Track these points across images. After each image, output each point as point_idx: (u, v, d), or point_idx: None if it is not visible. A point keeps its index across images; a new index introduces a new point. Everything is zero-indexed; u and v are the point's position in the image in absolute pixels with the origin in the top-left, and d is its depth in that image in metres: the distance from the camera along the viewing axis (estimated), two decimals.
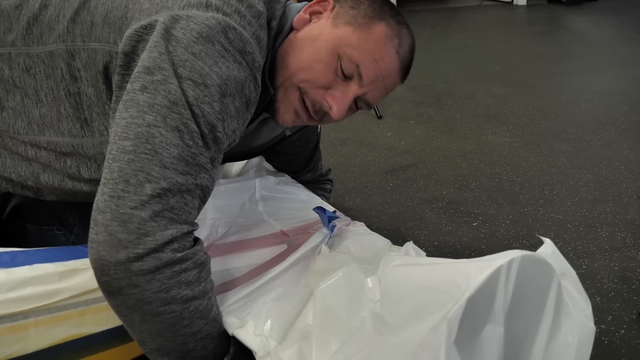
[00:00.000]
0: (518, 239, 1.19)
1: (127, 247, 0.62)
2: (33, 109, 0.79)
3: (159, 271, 0.63)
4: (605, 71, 2.47)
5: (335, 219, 0.92)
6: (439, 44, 3.28)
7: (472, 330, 0.52)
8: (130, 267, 0.62)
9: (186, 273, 0.66)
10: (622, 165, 1.51)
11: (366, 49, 0.81)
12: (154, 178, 0.63)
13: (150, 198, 0.63)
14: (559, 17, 3.90)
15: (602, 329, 0.91)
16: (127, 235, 0.62)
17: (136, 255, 0.62)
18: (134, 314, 0.65)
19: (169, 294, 0.64)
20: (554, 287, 0.58)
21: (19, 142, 0.81)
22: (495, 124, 1.91)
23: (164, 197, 0.64)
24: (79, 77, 0.75)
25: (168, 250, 0.64)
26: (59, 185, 0.82)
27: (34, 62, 0.77)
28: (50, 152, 0.80)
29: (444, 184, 1.49)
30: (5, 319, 0.64)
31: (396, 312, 0.57)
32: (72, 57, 0.75)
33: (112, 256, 0.62)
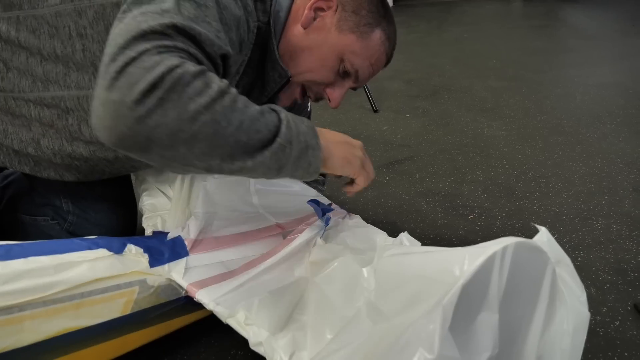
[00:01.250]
0: (514, 231, 1.19)
1: (121, 105, 0.56)
2: (37, 67, 0.82)
3: (164, 101, 0.57)
4: (602, 64, 2.47)
5: (329, 212, 0.92)
6: (435, 38, 3.27)
7: (466, 317, 0.52)
8: (138, 119, 0.56)
9: (189, 87, 0.59)
10: (617, 158, 1.51)
11: (366, 56, 0.92)
12: (149, 27, 0.60)
13: (141, 40, 0.59)
14: (555, 10, 3.90)
15: (597, 320, 0.91)
16: (119, 93, 0.56)
17: (132, 104, 0.56)
18: (179, 150, 0.61)
19: (188, 112, 0.59)
20: (548, 274, 0.58)
21: (23, 101, 0.83)
22: (491, 118, 1.91)
23: (163, 35, 0.61)
24: (85, 34, 0.79)
25: (156, 80, 0.57)
26: (59, 150, 0.85)
27: (39, 24, 0.81)
28: (54, 109, 0.82)
29: (440, 177, 1.49)
30: (1, 311, 0.64)
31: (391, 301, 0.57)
32: (79, 15, 0.79)
33: (119, 122, 0.56)
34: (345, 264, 0.73)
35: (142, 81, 0.56)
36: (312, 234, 0.86)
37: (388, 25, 0.95)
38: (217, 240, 0.88)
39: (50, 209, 0.99)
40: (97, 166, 0.89)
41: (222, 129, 0.62)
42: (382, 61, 0.97)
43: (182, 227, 0.87)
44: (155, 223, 0.92)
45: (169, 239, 0.85)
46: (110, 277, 0.73)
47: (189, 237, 0.85)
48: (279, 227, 0.96)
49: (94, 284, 0.71)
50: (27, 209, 1.02)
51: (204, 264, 0.82)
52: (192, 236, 0.85)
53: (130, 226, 1.07)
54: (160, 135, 0.58)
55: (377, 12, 0.93)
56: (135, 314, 0.76)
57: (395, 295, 0.57)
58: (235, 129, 0.63)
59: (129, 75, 0.56)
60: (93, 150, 0.86)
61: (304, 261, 0.82)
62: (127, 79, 0.56)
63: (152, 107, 0.56)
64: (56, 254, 0.71)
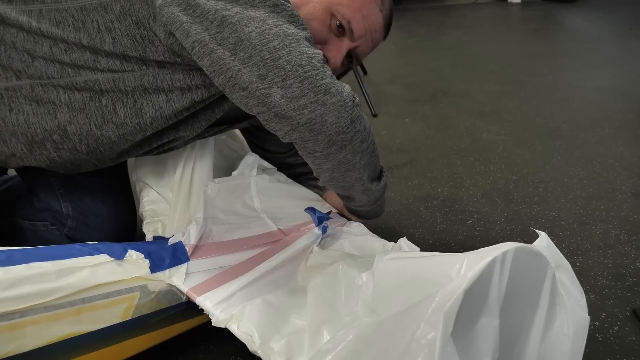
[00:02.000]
0: (512, 236, 1.20)
1: (343, 106, 0.74)
2: (63, 56, 0.84)
3: (360, 114, 0.78)
4: (600, 68, 2.48)
5: (327, 220, 0.92)
6: (434, 42, 3.28)
7: (467, 322, 0.52)
8: (352, 119, 0.75)
9: (359, 109, 0.79)
10: (616, 162, 1.52)
11: (356, 7, 0.93)
12: (313, 54, 0.75)
13: (322, 67, 0.75)
14: (553, 14, 3.91)
15: (596, 325, 0.91)
16: (336, 98, 0.74)
17: (351, 110, 0.75)
18: (358, 155, 0.80)
19: (366, 128, 0.80)
20: (548, 279, 0.59)
21: (52, 87, 0.84)
22: (490, 122, 1.91)
23: (324, 63, 0.76)
24: (113, 28, 0.82)
25: (354, 98, 0.77)
26: (87, 135, 0.87)
27: (62, 17, 0.83)
28: (87, 92, 0.84)
29: (438, 182, 1.49)
30: (2, 317, 0.64)
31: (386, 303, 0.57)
32: (105, 10, 0.82)
33: (340, 117, 0.74)
34: (344, 269, 0.74)
35: (348, 95, 0.75)
36: (308, 241, 0.86)
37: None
38: (217, 246, 0.88)
39: (50, 214, 1.00)
40: (119, 150, 0.90)
41: (374, 149, 0.85)
42: (377, 17, 0.97)
43: (182, 233, 0.87)
44: (156, 228, 0.93)
45: (169, 244, 0.85)
46: (112, 283, 0.73)
47: (189, 243, 0.85)
48: (281, 233, 0.96)
49: (95, 289, 0.72)
50: (26, 214, 1.02)
51: (204, 270, 0.82)
52: (192, 241, 0.85)
53: (130, 230, 1.07)
54: (356, 139, 0.78)
55: None
56: (136, 319, 0.76)
57: (391, 298, 0.57)
58: (376, 155, 0.87)
59: (339, 88, 0.75)
60: (122, 134, 0.87)
61: (301, 267, 0.83)
62: (339, 92, 0.74)
63: (356, 116, 0.76)
64: (58, 259, 0.71)
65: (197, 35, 0.76)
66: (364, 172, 0.85)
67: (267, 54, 0.74)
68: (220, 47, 0.75)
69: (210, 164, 0.99)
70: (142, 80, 0.84)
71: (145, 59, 0.83)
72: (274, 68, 0.73)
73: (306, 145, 0.78)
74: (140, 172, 1.04)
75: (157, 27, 0.81)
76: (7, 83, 0.84)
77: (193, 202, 0.93)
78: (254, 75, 0.74)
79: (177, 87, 0.85)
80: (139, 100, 0.85)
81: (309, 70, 0.73)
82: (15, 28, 0.84)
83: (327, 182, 0.88)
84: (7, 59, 0.84)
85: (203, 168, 0.97)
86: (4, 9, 0.84)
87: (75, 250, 0.75)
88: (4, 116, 0.85)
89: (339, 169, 0.82)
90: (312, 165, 0.84)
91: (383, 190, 0.95)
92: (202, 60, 0.77)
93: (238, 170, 1.01)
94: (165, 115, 0.86)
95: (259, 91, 0.74)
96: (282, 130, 0.76)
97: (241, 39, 0.75)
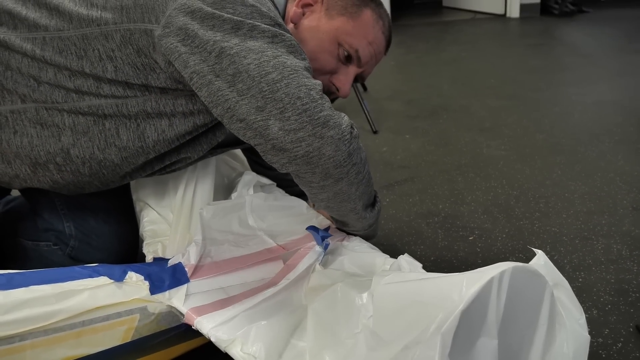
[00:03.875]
0: (514, 252, 1.20)
1: (340, 139, 0.75)
2: (67, 82, 0.84)
3: (358, 146, 0.79)
4: (599, 82, 2.48)
5: (328, 237, 0.92)
6: (433, 58, 3.30)
7: (465, 343, 0.52)
8: (349, 153, 0.77)
9: (358, 140, 0.80)
10: (616, 177, 1.52)
11: (361, 34, 0.96)
12: (312, 85, 0.75)
13: (320, 99, 0.75)
14: (551, 28, 3.93)
15: (599, 342, 0.91)
16: (334, 131, 0.74)
17: (349, 143, 0.76)
18: (353, 187, 0.82)
19: (362, 159, 0.82)
20: (547, 298, 0.58)
21: (57, 111, 0.85)
22: (490, 137, 1.92)
23: (323, 95, 0.77)
24: (114, 57, 0.82)
25: (353, 129, 0.78)
26: (89, 158, 0.87)
27: (65, 45, 0.84)
28: (90, 116, 0.85)
29: (439, 198, 1.49)
30: (2, 341, 0.64)
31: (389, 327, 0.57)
32: (106, 38, 0.82)
33: (338, 151, 0.75)
34: (343, 290, 0.73)
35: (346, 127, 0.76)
36: (311, 260, 0.86)
37: (377, 6, 0.99)
38: (217, 265, 0.88)
39: (53, 234, 1.00)
40: (122, 173, 0.91)
41: (369, 179, 0.86)
42: (381, 40, 0.99)
43: (182, 254, 0.87)
44: (156, 249, 0.93)
45: (169, 265, 0.85)
46: (111, 305, 0.73)
47: (189, 263, 0.85)
48: (280, 248, 0.96)
49: (95, 312, 0.72)
50: (29, 234, 1.02)
51: (204, 291, 0.82)
52: (192, 262, 0.85)
53: (133, 249, 1.07)
54: (352, 171, 0.79)
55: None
56: (135, 341, 0.76)
57: (393, 322, 0.57)
58: (370, 184, 0.88)
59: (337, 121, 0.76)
60: (125, 157, 0.88)
61: (303, 288, 0.82)
62: (338, 124, 0.75)
63: (354, 148, 0.78)
64: (57, 282, 0.71)
65: (196, 66, 0.77)
66: (358, 202, 0.87)
67: (266, 86, 0.74)
68: (219, 78, 0.76)
69: (211, 185, 0.99)
70: (144, 106, 0.84)
71: (147, 85, 0.84)
72: (272, 100, 0.73)
73: (303, 177, 0.78)
74: (140, 193, 1.04)
75: (157, 55, 0.81)
76: (12, 106, 0.85)
77: (194, 223, 0.93)
78: (251, 107, 0.74)
79: (180, 111, 0.86)
80: (142, 124, 0.85)
81: (307, 103, 0.74)
82: (20, 54, 0.85)
83: (323, 209, 0.90)
84: (13, 83, 0.85)
85: (204, 190, 0.98)
86: (9, 36, 0.85)
87: (75, 272, 0.75)
88: (8, 139, 0.86)
89: (335, 200, 0.83)
90: (308, 195, 0.85)
91: (377, 216, 0.97)
92: (200, 91, 0.78)
93: (237, 191, 1.01)
94: (167, 138, 0.87)
95: (257, 123, 0.74)
96: (279, 162, 0.77)
97: (240, 70, 0.75)
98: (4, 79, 0.85)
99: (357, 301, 0.70)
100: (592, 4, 4.76)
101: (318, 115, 0.74)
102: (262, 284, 0.85)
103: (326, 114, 0.75)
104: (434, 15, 5.16)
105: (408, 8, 5.69)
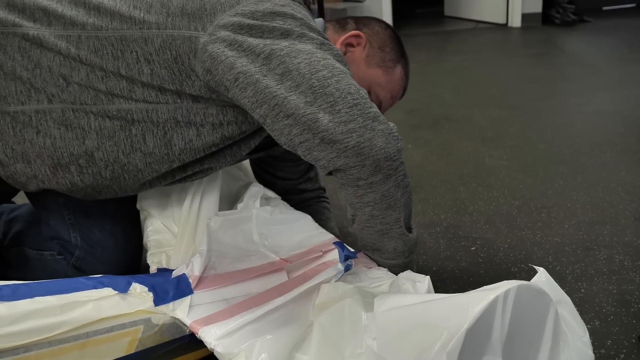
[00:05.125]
0: (516, 262, 1.20)
1: (390, 134, 0.76)
2: (99, 83, 0.84)
3: (402, 150, 0.79)
4: (601, 92, 2.49)
5: (353, 258, 0.89)
6: (435, 67, 3.31)
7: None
8: (398, 149, 0.76)
9: (402, 145, 0.80)
10: (618, 187, 1.52)
11: (389, 89, 1.04)
12: (359, 87, 0.78)
13: (368, 99, 0.77)
14: (553, 38, 3.94)
15: (601, 353, 0.91)
16: (384, 126, 0.76)
17: (397, 140, 0.76)
18: (400, 190, 0.80)
19: (405, 168, 0.80)
20: (551, 316, 0.58)
21: (84, 113, 0.84)
22: (492, 147, 1.92)
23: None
24: (152, 60, 0.83)
25: (397, 134, 0.78)
26: (113, 162, 0.87)
27: (102, 45, 0.83)
28: (118, 121, 0.84)
29: (442, 208, 1.49)
30: (7, 352, 0.64)
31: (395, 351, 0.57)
32: (145, 42, 0.82)
33: (389, 144, 0.75)
34: (351, 306, 0.72)
35: (392, 127, 0.78)
36: (328, 276, 0.84)
37: (406, 63, 1.08)
38: (221, 277, 0.88)
39: (58, 242, 1.00)
40: (143, 180, 0.91)
41: (409, 194, 0.84)
42: (399, 94, 1.09)
43: (186, 265, 0.87)
44: (160, 260, 0.93)
45: (173, 276, 0.85)
46: (115, 317, 0.73)
47: (193, 275, 0.85)
48: (282, 261, 0.96)
49: (99, 323, 0.72)
50: (33, 243, 1.02)
51: (208, 302, 0.82)
52: (196, 273, 0.85)
53: (136, 261, 1.08)
54: (400, 171, 0.78)
55: (398, 51, 1.06)
56: (139, 352, 0.76)
57: (398, 345, 0.57)
58: (411, 201, 0.87)
59: (382, 119, 0.77)
60: (149, 162, 0.88)
61: (312, 302, 0.81)
62: (384, 122, 0.76)
63: (401, 149, 0.78)
64: (62, 293, 0.72)
65: (242, 67, 0.77)
66: (402, 213, 0.83)
67: (316, 81, 0.75)
68: (266, 77, 0.76)
69: (217, 197, 0.99)
70: (175, 113, 0.85)
71: (180, 92, 0.84)
72: (323, 95, 0.74)
73: (351, 173, 0.77)
74: (144, 202, 1.04)
75: (196, 62, 0.81)
76: (37, 105, 0.85)
77: (199, 235, 0.93)
78: (300, 101, 0.75)
79: (209, 122, 0.86)
80: (169, 132, 0.86)
81: (358, 99, 0.75)
82: (52, 52, 0.84)
83: (364, 224, 0.85)
84: (41, 82, 0.84)
85: (210, 201, 0.97)
86: (43, 33, 0.84)
87: (80, 284, 0.75)
88: (31, 138, 0.86)
89: (380, 205, 0.80)
90: (352, 201, 0.82)
91: (416, 241, 0.90)
92: (246, 90, 0.77)
93: (243, 202, 1.01)
94: (194, 148, 0.87)
95: (306, 116, 0.74)
96: (326, 158, 0.76)
97: (289, 69, 0.76)
98: (33, 77, 0.85)
99: (363, 320, 0.70)
100: (594, 13, 4.77)
101: (369, 110, 0.75)
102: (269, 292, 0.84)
103: (376, 110, 0.76)
104: (436, 24, 5.18)
105: (410, 18, 5.70)
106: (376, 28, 1.06)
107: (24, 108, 0.85)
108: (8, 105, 0.86)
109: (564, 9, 4.45)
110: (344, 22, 1.07)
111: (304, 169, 1.24)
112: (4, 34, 0.85)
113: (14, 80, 0.85)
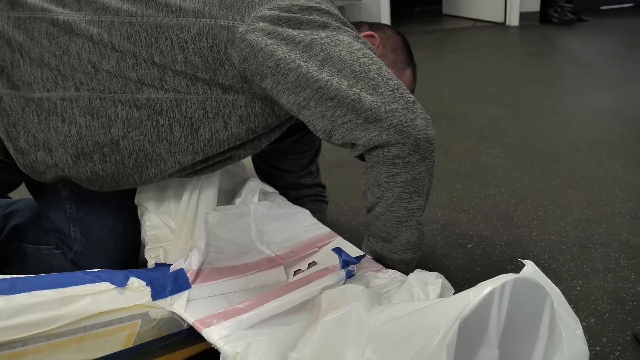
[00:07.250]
0: (512, 260, 1.20)
1: (428, 120, 0.79)
2: (129, 71, 0.83)
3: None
4: (598, 91, 2.50)
5: (354, 264, 0.88)
6: (433, 65, 3.31)
7: (467, 353, 0.52)
8: (434, 135, 0.79)
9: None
10: (615, 186, 1.52)
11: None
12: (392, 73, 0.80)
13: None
14: (551, 37, 3.95)
15: (597, 350, 0.91)
16: (423, 111, 0.79)
17: (432, 128, 0.79)
18: (427, 177, 0.83)
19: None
20: (547, 309, 0.59)
21: (111, 102, 0.84)
22: (489, 145, 1.93)
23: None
24: (187, 48, 0.83)
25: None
26: (138, 150, 0.87)
27: (135, 32, 0.83)
28: (145, 110, 0.84)
29: (438, 205, 1.50)
30: (4, 346, 0.64)
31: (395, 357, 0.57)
32: (181, 30, 0.82)
33: (428, 127, 0.78)
34: (358, 311, 0.70)
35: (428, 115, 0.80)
36: (327, 284, 0.83)
37: (414, 67, 1.11)
38: (218, 271, 0.88)
39: (57, 236, 1.00)
40: (164, 170, 0.90)
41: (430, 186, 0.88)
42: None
43: (184, 259, 0.87)
44: (157, 255, 0.93)
45: (171, 271, 0.85)
46: (113, 311, 0.74)
47: (191, 269, 0.85)
48: (278, 258, 0.96)
49: (97, 317, 0.72)
50: (31, 237, 1.02)
51: (206, 296, 0.82)
52: (194, 267, 0.86)
53: (133, 257, 1.08)
54: (432, 157, 0.81)
55: (408, 54, 1.09)
56: (137, 347, 0.76)
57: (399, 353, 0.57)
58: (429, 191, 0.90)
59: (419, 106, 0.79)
60: (174, 152, 0.87)
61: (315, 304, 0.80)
62: (421, 109, 0.79)
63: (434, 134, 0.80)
64: (60, 287, 0.72)
65: (283, 54, 0.78)
66: (424, 202, 0.86)
67: (358, 67, 0.78)
68: (307, 63, 0.78)
69: (216, 192, 0.99)
70: (204, 104, 0.85)
71: (213, 81, 0.84)
72: (365, 79, 0.77)
73: (389, 150, 0.78)
74: (142, 196, 1.04)
75: (233, 51, 0.82)
76: (64, 93, 0.84)
77: (197, 230, 0.93)
78: (343, 84, 0.77)
79: (237, 113, 0.86)
80: (197, 123, 0.86)
81: (398, 84, 0.79)
82: (82, 39, 0.83)
83: (386, 208, 0.85)
84: (69, 70, 0.83)
85: (209, 197, 0.98)
86: (73, 18, 0.83)
87: (78, 278, 0.75)
88: (56, 126, 0.85)
89: (410, 187, 0.82)
90: (382, 181, 0.82)
91: (425, 237, 0.92)
92: (287, 76, 0.78)
93: (241, 197, 1.01)
94: (219, 139, 0.88)
95: (350, 97, 0.76)
96: (367, 137, 0.78)
97: (330, 56, 0.78)
98: (61, 64, 0.83)
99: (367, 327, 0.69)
100: (591, 12, 4.78)
101: (409, 95, 0.78)
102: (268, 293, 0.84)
103: (415, 98, 0.79)
104: (434, 23, 5.18)
105: (408, 16, 5.71)
106: (388, 32, 1.09)
107: (50, 95, 0.84)
108: (32, 91, 0.84)
109: (561, 8, 4.45)
110: (358, 24, 1.09)
111: (306, 162, 1.25)
112: (31, 18, 0.84)
113: (41, 67, 0.84)
